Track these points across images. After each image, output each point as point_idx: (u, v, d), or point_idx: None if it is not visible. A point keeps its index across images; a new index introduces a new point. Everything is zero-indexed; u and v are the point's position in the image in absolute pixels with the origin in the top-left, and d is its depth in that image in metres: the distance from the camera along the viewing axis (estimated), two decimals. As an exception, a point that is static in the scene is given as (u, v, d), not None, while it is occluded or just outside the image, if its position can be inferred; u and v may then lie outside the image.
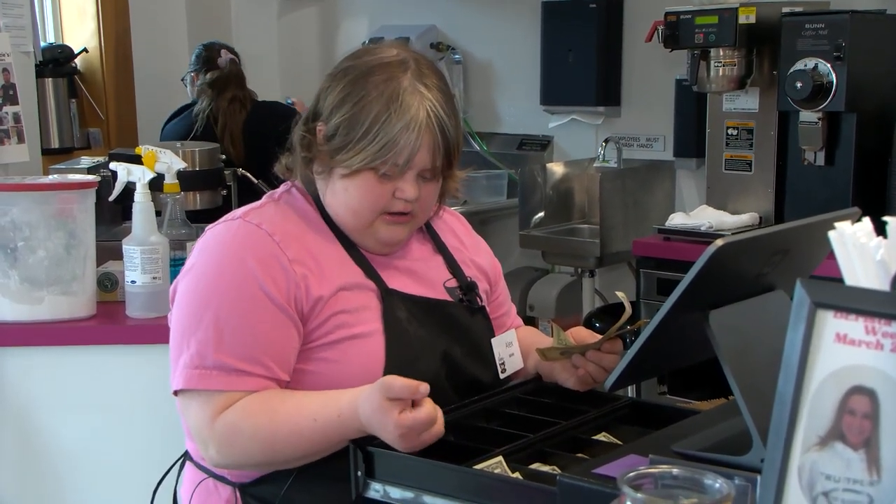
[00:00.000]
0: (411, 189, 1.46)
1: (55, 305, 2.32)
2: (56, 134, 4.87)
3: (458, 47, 4.17)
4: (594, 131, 3.87)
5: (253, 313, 1.43)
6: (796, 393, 0.90)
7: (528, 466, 1.34)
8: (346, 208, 1.50)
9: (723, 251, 1.09)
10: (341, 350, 1.46)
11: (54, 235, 2.34)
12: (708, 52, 3.03)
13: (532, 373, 1.63)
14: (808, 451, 0.89)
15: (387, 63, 1.47)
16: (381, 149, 1.43)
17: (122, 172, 2.41)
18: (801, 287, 0.91)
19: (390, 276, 1.53)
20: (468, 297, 1.59)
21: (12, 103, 2.65)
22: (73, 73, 4.90)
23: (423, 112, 1.44)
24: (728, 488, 0.96)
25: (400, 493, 1.32)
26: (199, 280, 1.46)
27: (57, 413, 2.29)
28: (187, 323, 1.44)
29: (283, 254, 1.45)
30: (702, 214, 3.17)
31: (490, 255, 1.74)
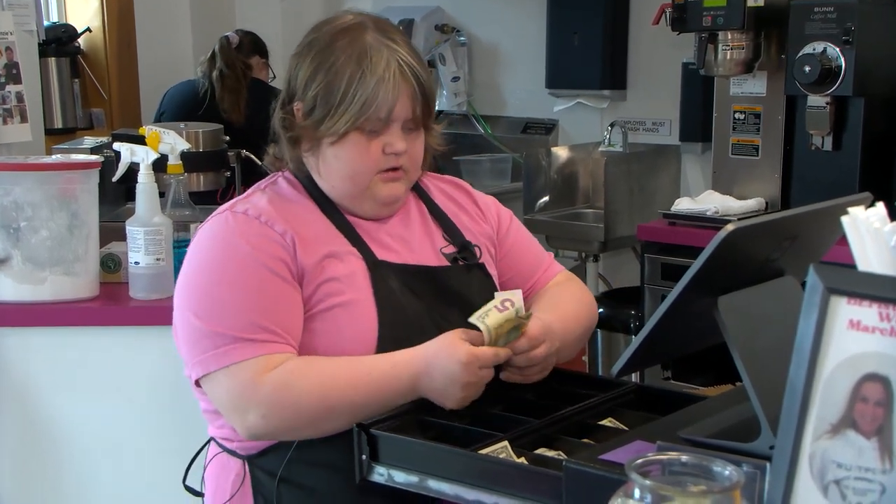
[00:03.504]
0: (399, 141, 1.48)
1: (58, 286, 2.31)
2: (59, 114, 4.85)
3: (464, 29, 4.15)
4: (600, 115, 3.85)
5: (255, 288, 1.44)
6: (808, 380, 0.89)
7: (533, 451, 1.33)
8: (341, 176, 1.51)
9: (733, 236, 1.07)
10: (332, 319, 1.46)
11: (57, 216, 2.32)
12: (716, 35, 3.01)
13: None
14: (820, 439, 0.89)
15: (347, 27, 1.50)
16: (363, 106, 1.45)
17: (126, 153, 2.40)
18: (815, 273, 0.90)
19: (380, 246, 1.54)
20: (463, 255, 1.59)
21: (15, 82, 2.64)
22: (76, 53, 4.88)
23: (394, 63, 1.46)
24: (737, 476, 0.95)
25: (404, 477, 1.32)
26: (197, 275, 1.48)
27: (59, 394, 2.29)
28: (193, 318, 1.44)
29: (271, 229, 1.47)
30: (708, 199, 3.16)
31: (494, 209, 1.71)
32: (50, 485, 2.32)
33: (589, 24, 3.73)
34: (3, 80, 2.61)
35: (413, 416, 1.41)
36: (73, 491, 2.30)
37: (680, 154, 3.67)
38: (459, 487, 1.27)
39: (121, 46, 4.89)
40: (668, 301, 1.13)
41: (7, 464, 2.34)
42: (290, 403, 1.40)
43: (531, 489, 1.21)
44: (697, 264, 1.09)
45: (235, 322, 1.42)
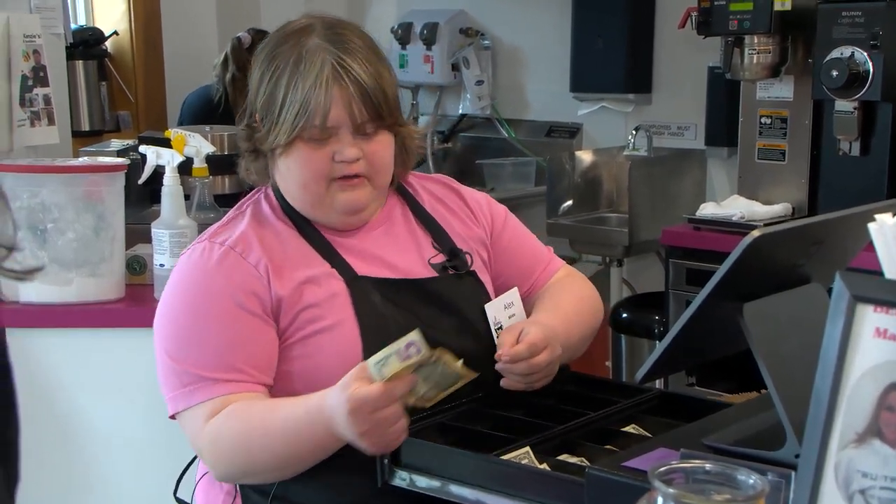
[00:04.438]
0: (348, 148, 1.42)
1: (83, 287, 2.33)
2: (86, 116, 4.88)
3: (488, 32, 4.15)
4: (624, 119, 3.84)
5: (224, 324, 1.40)
6: (833, 389, 0.88)
7: (555, 457, 1.32)
8: (295, 187, 1.46)
9: (759, 242, 1.07)
10: (315, 344, 1.42)
11: (83, 217, 2.34)
12: (742, 38, 2.99)
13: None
14: (845, 448, 0.88)
15: (293, 31, 1.46)
16: (297, 115, 1.40)
17: (152, 156, 2.41)
18: (841, 280, 0.89)
19: (361, 260, 1.49)
20: (452, 264, 1.54)
21: (42, 85, 2.66)
22: (103, 56, 4.92)
23: (327, 67, 1.40)
24: (762, 484, 0.94)
25: (426, 482, 1.32)
26: (171, 310, 1.45)
27: (84, 395, 2.30)
28: (166, 350, 1.42)
29: (245, 261, 1.43)
30: (733, 204, 3.14)
31: (487, 209, 1.64)
32: (73, 483, 2.33)
33: (613, 27, 3.72)
34: (31, 82, 2.63)
35: (435, 420, 1.41)
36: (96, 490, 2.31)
37: (705, 158, 3.65)
38: (481, 493, 1.26)
39: (147, 49, 4.93)
40: (692, 307, 1.13)
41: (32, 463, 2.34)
42: (222, 451, 1.37)
43: (553, 495, 1.20)
44: (723, 270, 1.09)
45: (200, 360, 1.39)
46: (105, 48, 4.93)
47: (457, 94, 4.21)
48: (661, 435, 1.33)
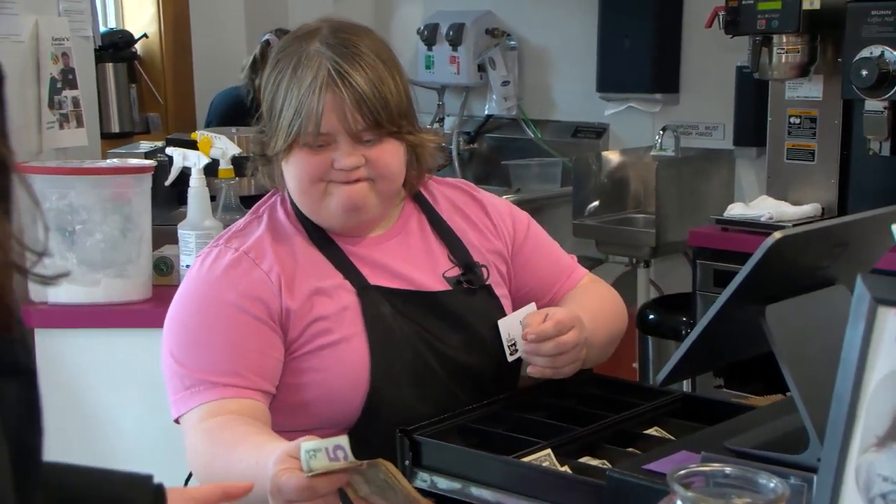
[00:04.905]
0: (346, 157, 1.39)
1: (111, 288, 2.35)
2: (116, 118, 4.92)
3: (514, 33, 4.14)
4: (651, 119, 3.82)
5: (229, 329, 1.39)
6: (854, 392, 0.88)
7: (577, 460, 1.32)
8: (296, 192, 1.44)
9: (780, 244, 1.06)
10: (323, 359, 1.41)
11: (111, 219, 2.37)
12: (770, 38, 2.97)
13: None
14: (866, 452, 0.87)
15: (300, 34, 1.44)
16: (291, 121, 1.38)
17: (178, 158, 2.44)
18: (862, 282, 0.88)
19: (374, 269, 1.47)
20: (467, 278, 1.51)
21: (71, 87, 2.69)
22: (132, 59, 4.95)
23: (323, 71, 1.38)
24: (783, 488, 0.94)
25: (447, 484, 1.32)
26: (180, 313, 1.44)
27: (112, 394, 2.33)
28: (171, 352, 1.42)
29: (258, 268, 1.42)
30: (762, 205, 3.12)
31: (509, 219, 1.60)
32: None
33: (640, 26, 3.70)
34: (60, 85, 2.66)
35: (456, 423, 1.41)
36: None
37: (733, 158, 3.63)
38: (501, 495, 1.26)
39: (176, 52, 4.97)
40: (713, 309, 1.12)
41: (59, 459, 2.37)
42: (193, 462, 1.36)
43: (573, 498, 1.20)
44: (744, 272, 1.08)
45: (202, 363, 1.38)
46: (134, 51, 4.97)
47: (483, 95, 4.21)
48: (684, 438, 1.33)
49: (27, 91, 2.55)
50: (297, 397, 1.41)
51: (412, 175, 1.52)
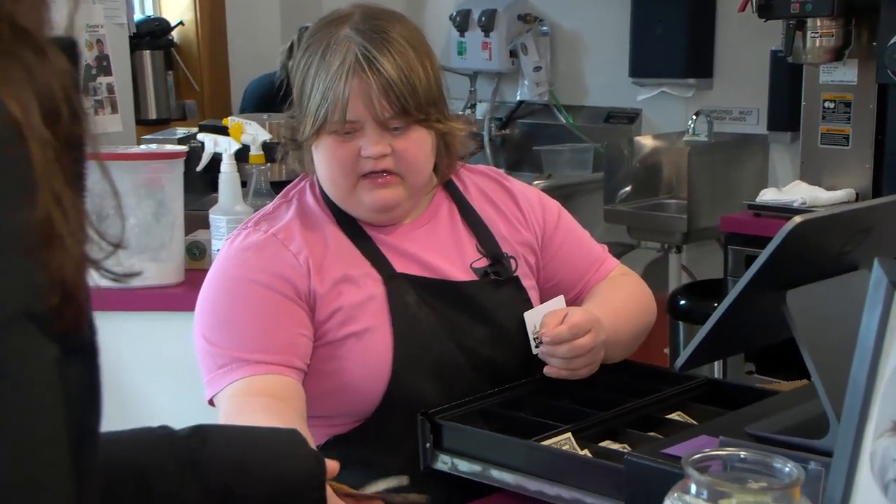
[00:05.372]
0: (372, 145, 1.37)
1: (146, 272, 2.38)
2: (153, 105, 4.97)
3: (546, 18, 4.12)
4: (684, 104, 3.79)
5: (258, 308, 1.39)
6: (870, 377, 0.87)
7: (597, 444, 1.32)
8: (325, 181, 1.44)
9: (800, 229, 1.05)
10: (346, 348, 1.40)
11: (144, 204, 2.39)
12: (804, 22, 2.93)
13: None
14: (881, 437, 0.86)
15: (332, 19, 1.42)
16: (318, 106, 1.37)
17: (210, 143, 2.46)
18: (879, 267, 0.87)
19: (401, 257, 1.46)
20: (494, 270, 1.49)
21: (106, 74, 2.72)
22: (169, 46, 4.99)
23: (350, 56, 1.36)
24: (798, 473, 0.93)
25: (467, 466, 1.32)
26: (211, 293, 1.43)
27: (145, 376, 2.36)
28: (203, 332, 1.41)
29: (287, 249, 1.41)
30: (795, 190, 3.08)
31: (539, 209, 1.58)
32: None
33: (673, 11, 3.66)
34: (94, 71, 2.69)
35: (479, 406, 1.41)
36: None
37: (767, 144, 3.59)
38: (521, 478, 1.27)
39: (212, 39, 5.00)
40: (732, 295, 1.11)
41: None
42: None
43: (592, 481, 1.20)
44: (763, 257, 1.07)
45: (234, 342, 1.37)
46: (171, 38, 5.01)
47: (515, 81, 4.19)
48: (705, 423, 1.32)
49: (62, 78, 2.58)
50: (319, 385, 1.41)
51: (442, 163, 1.51)
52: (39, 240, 0.63)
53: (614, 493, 1.17)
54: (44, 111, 0.65)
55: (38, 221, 0.63)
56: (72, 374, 0.67)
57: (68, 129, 0.67)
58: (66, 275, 0.64)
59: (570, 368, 1.42)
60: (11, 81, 0.64)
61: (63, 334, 0.65)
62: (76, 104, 0.68)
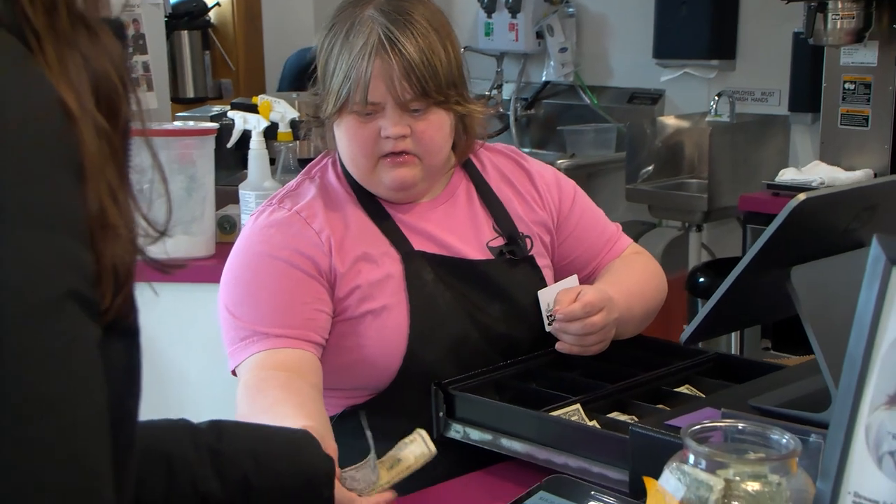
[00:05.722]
0: (392, 125, 1.36)
1: (177, 245, 2.39)
2: (191, 84, 4.98)
3: (572, 0, 4.08)
4: (707, 85, 3.75)
5: (280, 283, 1.38)
6: (867, 352, 0.86)
7: (606, 415, 1.32)
8: (346, 158, 1.43)
9: (803, 206, 1.04)
10: (364, 325, 1.40)
11: (176, 179, 2.41)
12: (825, 4, 2.88)
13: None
14: (876, 411, 0.85)
15: (355, 0, 1.41)
16: (340, 86, 1.36)
17: (239, 121, 2.46)
18: (878, 243, 0.86)
19: (419, 235, 1.45)
20: (510, 249, 1.48)
21: (141, 53, 2.73)
22: (206, 27, 5.00)
23: (374, 37, 1.35)
24: (795, 444, 0.93)
25: (479, 435, 1.33)
26: (235, 267, 1.43)
27: (178, 346, 2.38)
28: (226, 305, 1.41)
29: (310, 227, 1.41)
30: (814, 170, 3.05)
31: (555, 189, 1.57)
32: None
33: (698, -8, 3.63)
34: (131, 50, 2.70)
35: (491, 377, 1.41)
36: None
37: (789, 124, 3.54)
38: (530, 447, 1.27)
39: (247, 20, 5.00)
40: (737, 270, 1.10)
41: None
42: (236, 411, 1.32)
43: (598, 451, 1.20)
44: (766, 234, 1.06)
45: (255, 315, 1.37)
46: (208, 19, 5.02)
47: (541, 62, 4.16)
48: (711, 395, 1.32)
49: (99, 56, 2.59)
50: (336, 360, 1.41)
51: (461, 143, 1.50)
52: (92, 228, 0.63)
53: (619, 462, 1.17)
54: (98, 97, 0.65)
55: (91, 209, 0.63)
56: (114, 356, 0.68)
57: (122, 113, 0.67)
58: (118, 263, 0.65)
59: (582, 345, 1.42)
60: (69, 70, 0.64)
61: (112, 320, 0.66)
62: (129, 85, 0.68)
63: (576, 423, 1.27)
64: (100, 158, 0.63)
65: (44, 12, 0.63)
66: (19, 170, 0.59)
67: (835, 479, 0.86)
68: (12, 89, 0.60)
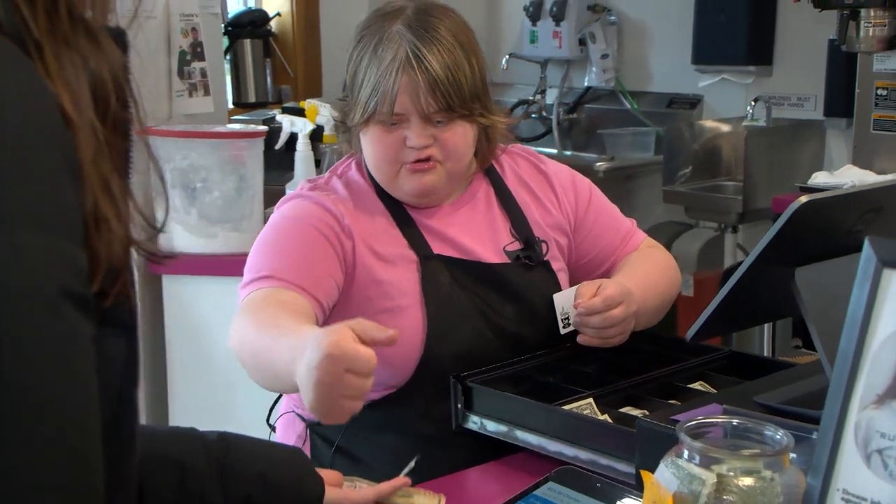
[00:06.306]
0: (417, 136, 1.36)
1: (227, 240, 2.43)
2: (253, 89, 5.03)
3: (614, 8, 4.04)
4: (744, 90, 3.68)
5: (301, 245, 1.36)
6: (857, 350, 0.84)
7: (618, 410, 1.30)
8: (371, 164, 1.42)
9: (806, 208, 1.01)
10: (380, 322, 1.34)
11: (227, 178, 2.44)
12: (858, 12, 2.82)
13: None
14: (866, 409, 0.83)
15: (384, 13, 1.40)
16: (368, 98, 1.36)
17: (287, 124, 2.49)
18: (869, 245, 0.84)
19: (440, 243, 1.44)
20: (526, 255, 1.47)
21: (199, 60, 2.76)
22: (267, 35, 5.06)
23: (401, 53, 1.34)
24: (788, 440, 0.91)
25: (495, 427, 1.32)
26: (262, 234, 1.42)
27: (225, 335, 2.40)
28: (249, 262, 1.39)
29: (336, 207, 1.40)
30: (846, 173, 2.98)
31: (571, 190, 1.55)
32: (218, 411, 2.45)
33: (735, 0, 3.56)
34: (189, 57, 2.74)
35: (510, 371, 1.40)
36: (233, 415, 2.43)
37: (823, 129, 3.47)
38: (543, 439, 1.26)
39: (306, 29, 5.04)
40: (740, 270, 1.08)
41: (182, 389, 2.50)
42: (241, 352, 1.29)
43: (607, 444, 1.19)
44: (769, 236, 1.04)
45: (272, 265, 1.34)
46: (269, 28, 5.07)
47: (583, 68, 4.12)
48: (720, 391, 1.29)
49: (159, 62, 2.63)
50: None
51: (483, 149, 1.48)
52: (86, 223, 0.63)
53: (627, 455, 1.16)
54: (97, 99, 0.65)
55: (84, 205, 0.63)
56: (113, 350, 0.67)
57: (117, 115, 0.67)
58: (112, 255, 0.65)
59: (602, 337, 1.40)
60: (67, 70, 0.64)
61: (108, 310, 0.66)
62: (126, 91, 0.68)
63: (585, 416, 1.25)
64: (96, 159, 0.63)
65: (45, 16, 0.63)
66: (17, 171, 0.59)
67: (824, 475, 0.84)
68: (11, 92, 0.61)
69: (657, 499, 0.89)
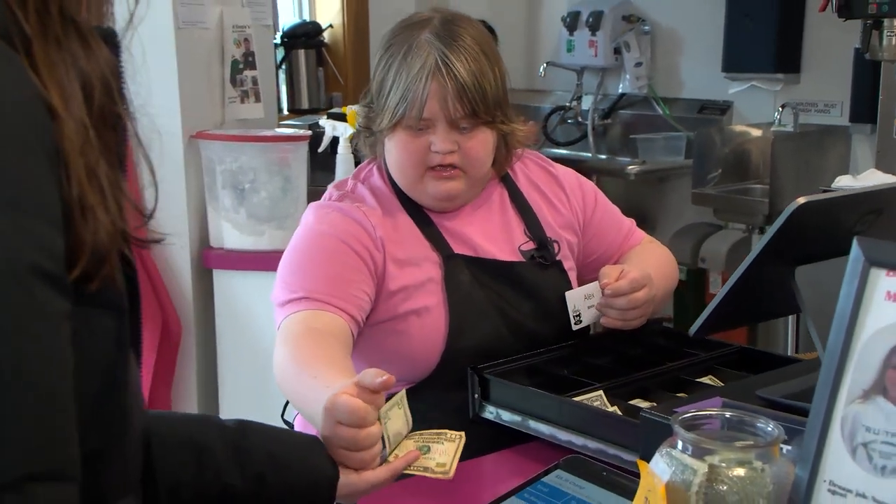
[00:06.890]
0: (442, 142, 1.36)
1: (274, 238, 2.46)
2: (306, 96, 5.09)
3: (648, 18, 4.00)
4: (773, 97, 3.62)
5: (331, 259, 1.36)
6: (845, 347, 0.82)
7: (628, 402, 1.29)
8: (395, 169, 1.42)
9: (803, 209, 0.99)
10: (405, 324, 1.38)
11: (274, 180, 2.46)
12: (881, 21, 2.75)
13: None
14: (852, 404, 0.81)
15: (412, 24, 1.40)
16: (398, 103, 1.36)
17: (329, 128, 2.51)
18: (857, 245, 0.82)
19: (460, 244, 1.44)
20: (540, 255, 1.47)
21: (251, 68, 2.79)
22: (320, 46, 5.10)
23: (430, 60, 1.34)
24: (778, 433, 0.89)
25: (509, 416, 1.32)
26: (292, 243, 1.43)
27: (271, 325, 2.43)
28: (281, 275, 1.39)
29: (368, 220, 1.40)
30: (869, 178, 2.90)
31: (578, 191, 1.55)
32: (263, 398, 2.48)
33: (764, 9, 3.50)
34: (241, 66, 2.77)
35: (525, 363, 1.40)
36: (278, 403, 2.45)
37: (849, 135, 3.39)
38: (554, 429, 1.25)
39: (356, 39, 5.08)
40: (741, 268, 1.07)
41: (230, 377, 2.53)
42: (280, 381, 1.27)
43: (613, 435, 1.18)
44: (768, 236, 1.02)
45: (305, 283, 1.34)
46: (322, 39, 5.11)
47: (617, 75, 4.09)
48: (726, 385, 1.27)
49: (213, 71, 2.66)
50: (378, 355, 1.39)
51: (500, 156, 1.48)
52: (71, 210, 0.63)
53: (632, 445, 1.15)
54: (87, 96, 0.66)
55: (70, 193, 0.63)
56: (100, 328, 0.68)
57: (107, 110, 0.68)
58: (97, 241, 0.65)
59: (624, 319, 1.41)
60: (58, 68, 0.65)
61: (95, 293, 0.66)
62: (114, 89, 0.69)
63: (594, 408, 1.25)
64: (83, 150, 0.64)
65: (36, 16, 0.63)
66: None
67: (812, 466, 0.83)
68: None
69: (651, 487, 0.88)
